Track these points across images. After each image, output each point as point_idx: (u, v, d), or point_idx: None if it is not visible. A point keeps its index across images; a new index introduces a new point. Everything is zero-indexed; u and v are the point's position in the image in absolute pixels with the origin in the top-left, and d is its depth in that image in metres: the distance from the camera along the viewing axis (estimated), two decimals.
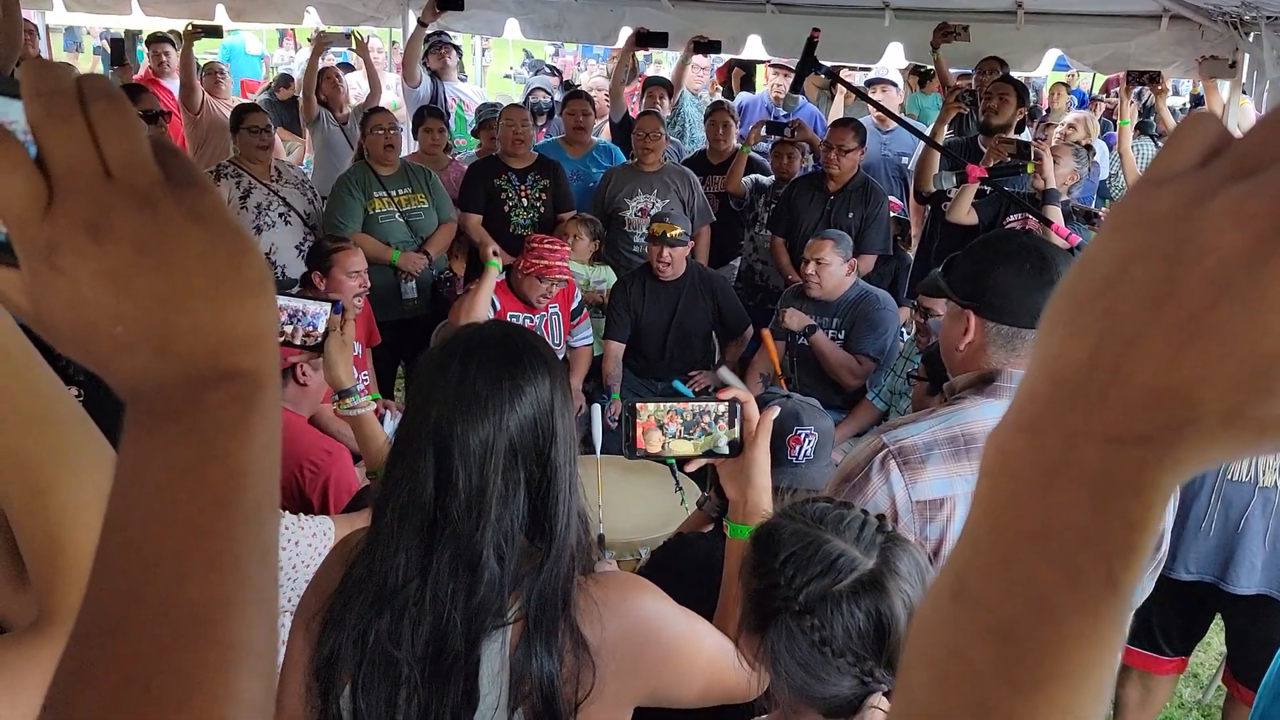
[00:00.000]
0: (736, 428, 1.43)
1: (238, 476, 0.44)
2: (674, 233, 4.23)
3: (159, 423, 0.44)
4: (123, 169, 0.42)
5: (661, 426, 1.44)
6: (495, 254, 4.04)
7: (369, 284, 3.81)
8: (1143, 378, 0.34)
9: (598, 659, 1.23)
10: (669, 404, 1.44)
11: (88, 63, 15.68)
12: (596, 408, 3.20)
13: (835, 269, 4.00)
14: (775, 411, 1.47)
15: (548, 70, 9.60)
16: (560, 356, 4.34)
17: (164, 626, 0.41)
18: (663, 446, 1.44)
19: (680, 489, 2.39)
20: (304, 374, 2.66)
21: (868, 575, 1.17)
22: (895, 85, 6.40)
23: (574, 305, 4.38)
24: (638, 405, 1.45)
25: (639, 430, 1.44)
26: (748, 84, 8.27)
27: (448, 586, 1.21)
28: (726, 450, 1.43)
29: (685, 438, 1.43)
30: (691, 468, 1.46)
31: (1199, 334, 0.33)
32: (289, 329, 1.81)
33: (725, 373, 3.49)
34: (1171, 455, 0.35)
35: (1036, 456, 0.37)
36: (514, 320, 4.09)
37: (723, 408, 1.43)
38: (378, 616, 1.23)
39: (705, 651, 1.36)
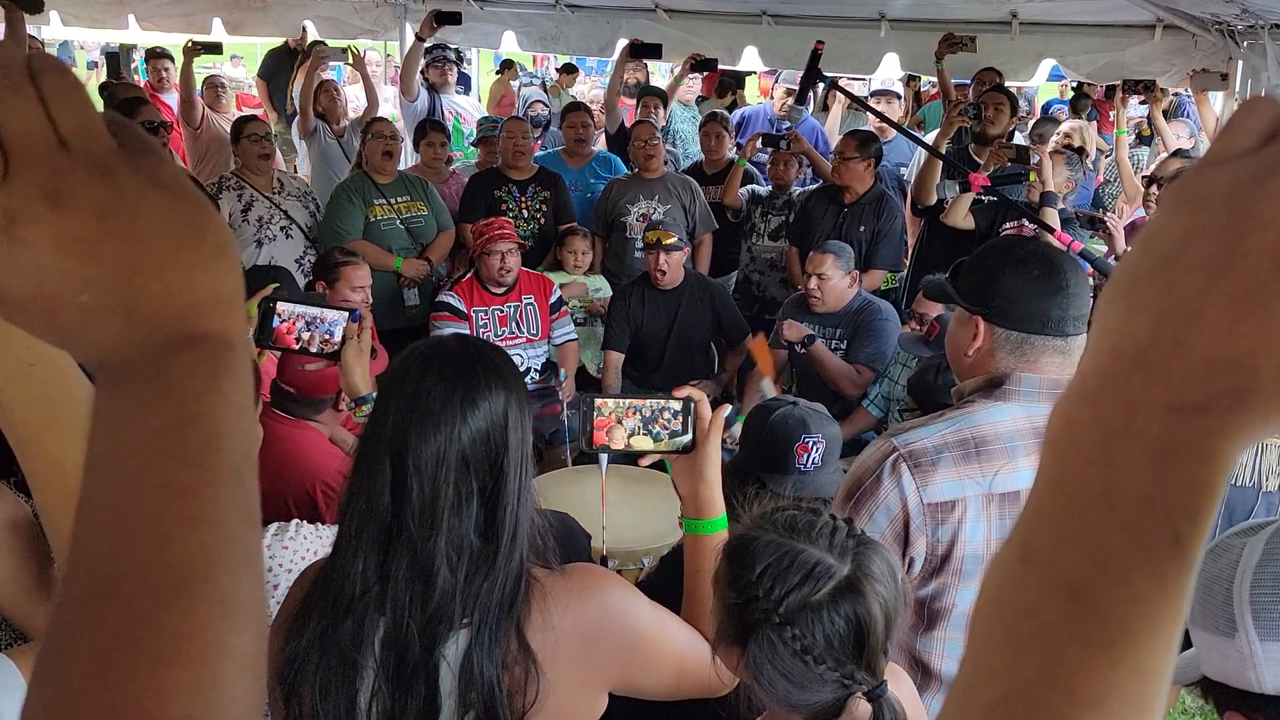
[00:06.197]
0: (691, 425, 1.46)
1: (214, 438, 0.43)
2: (668, 239, 4.25)
3: (130, 389, 0.43)
4: (77, 138, 0.42)
5: (621, 422, 1.47)
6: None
7: (370, 300, 3.79)
8: (1202, 348, 0.36)
9: (555, 652, 1.26)
10: (627, 400, 1.47)
11: (81, 77, 15.68)
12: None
13: (836, 283, 3.99)
14: (726, 410, 1.50)
15: (534, 81, 9.59)
16: (545, 353, 4.33)
17: (149, 586, 0.40)
18: (625, 443, 1.47)
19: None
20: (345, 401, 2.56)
21: (844, 581, 1.18)
22: (899, 96, 6.43)
23: (552, 299, 4.33)
24: (597, 401, 1.48)
25: (598, 427, 1.47)
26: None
27: (405, 595, 1.24)
28: (682, 447, 1.46)
29: (645, 433, 1.46)
30: (646, 462, 1.49)
31: (1258, 306, 0.34)
32: (306, 336, 1.81)
33: (766, 384, 3.51)
34: (1232, 423, 0.36)
35: (1099, 425, 0.38)
36: (489, 313, 4.08)
37: (677, 405, 1.46)
38: (338, 622, 1.25)
39: (673, 643, 1.38)
